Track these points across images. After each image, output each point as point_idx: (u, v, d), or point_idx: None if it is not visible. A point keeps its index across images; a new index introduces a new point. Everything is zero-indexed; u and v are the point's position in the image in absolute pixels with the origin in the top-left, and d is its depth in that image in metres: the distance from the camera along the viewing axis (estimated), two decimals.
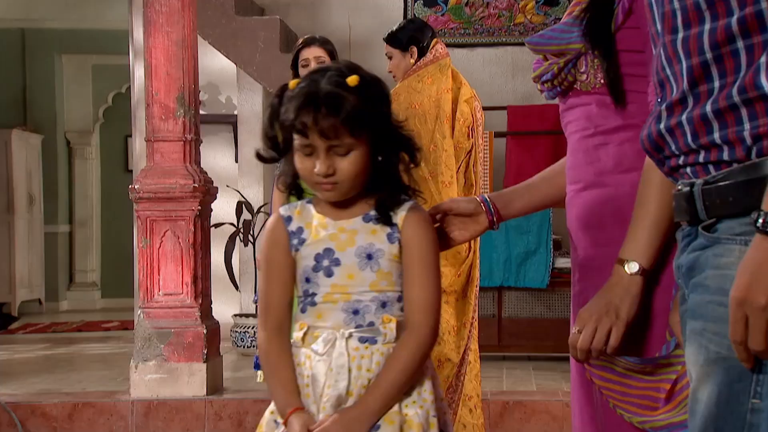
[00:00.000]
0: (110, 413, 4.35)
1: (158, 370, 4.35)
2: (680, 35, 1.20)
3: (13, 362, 5.80)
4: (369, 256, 1.71)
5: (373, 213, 1.72)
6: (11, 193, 8.31)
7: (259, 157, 1.75)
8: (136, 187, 4.37)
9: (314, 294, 1.71)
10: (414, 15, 6.17)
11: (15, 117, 8.78)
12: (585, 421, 1.79)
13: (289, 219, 1.74)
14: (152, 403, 4.33)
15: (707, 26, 1.15)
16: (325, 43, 4.02)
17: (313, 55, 3.99)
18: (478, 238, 3.62)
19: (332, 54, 4.03)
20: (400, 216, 1.72)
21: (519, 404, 4.25)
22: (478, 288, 3.64)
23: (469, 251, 3.55)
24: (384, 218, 1.72)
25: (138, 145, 4.85)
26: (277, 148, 1.71)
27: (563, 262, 5.33)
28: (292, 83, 1.66)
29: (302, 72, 3.98)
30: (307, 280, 1.72)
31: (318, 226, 1.73)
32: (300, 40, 4.04)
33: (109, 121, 9.31)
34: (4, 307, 8.29)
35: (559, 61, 1.82)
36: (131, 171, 7.36)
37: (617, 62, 1.73)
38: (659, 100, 1.26)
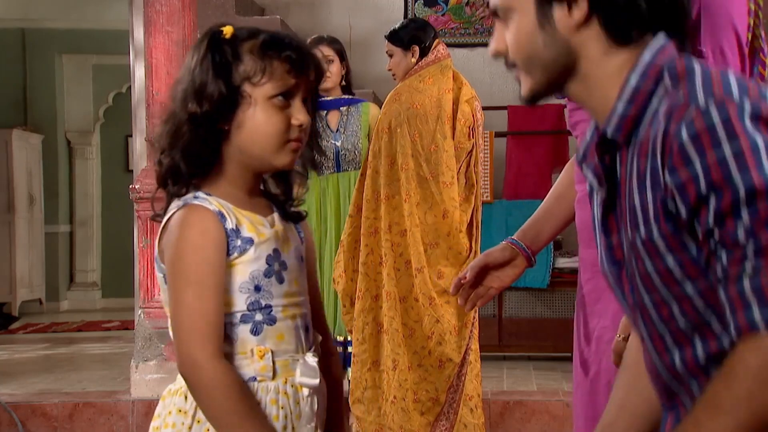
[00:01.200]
0: (111, 413, 4.35)
1: (159, 370, 4.35)
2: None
3: (13, 362, 5.80)
4: (301, 258, 1.51)
5: (274, 209, 1.52)
6: (12, 192, 8.31)
7: (194, 119, 1.41)
8: (136, 186, 4.36)
9: (269, 307, 1.44)
10: (414, 15, 6.16)
11: (15, 117, 8.78)
12: (590, 428, 1.79)
13: (222, 215, 1.42)
14: (153, 402, 4.32)
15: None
16: (333, 43, 4.04)
17: (322, 54, 4.00)
18: (479, 238, 3.62)
19: (341, 53, 4.04)
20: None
21: (519, 404, 4.24)
22: None
23: (470, 251, 3.55)
24: (296, 214, 1.54)
25: (138, 144, 4.84)
26: (221, 106, 1.41)
27: (563, 262, 5.32)
28: (228, 30, 1.44)
29: None
30: (257, 288, 1.43)
31: (253, 222, 1.45)
32: (309, 40, 4.06)
33: (109, 121, 9.31)
34: (5, 306, 8.29)
35: None
36: (132, 171, 7.36)
37: None
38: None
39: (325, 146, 3.97)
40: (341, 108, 4.05)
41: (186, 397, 1.44)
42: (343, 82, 4.09)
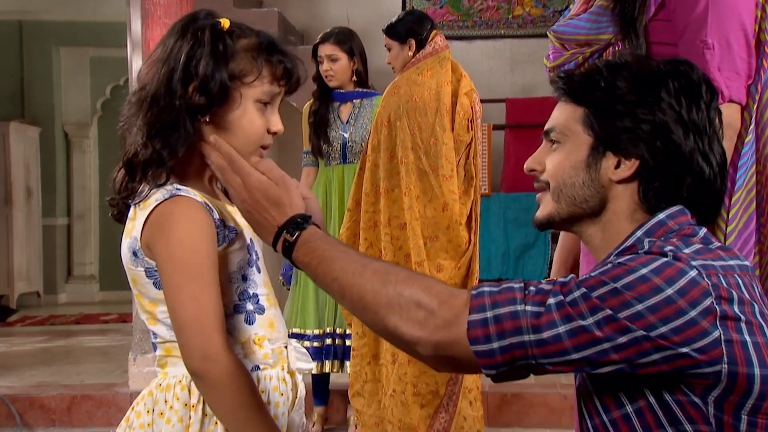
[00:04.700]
0: (109, 405, 4.36)
1: None
2: None
3: (11, 355, 5.80)
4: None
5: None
6: (9, 185, 8.30)
7: (189, 110, 1.37)
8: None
9: (256, 296, 1.44)
10: (412, 7, 6.15)
11: (13, 109, 8.77)
12: None
13: (208, 207, 1.39)
14: None
15: None
16: (341, 42, 3.99)
17: (326, 53, 3.98)
18: (478, 231, 3.62)
19: (349, 50, 3.99)
20: None
21: (517, 396, 4.25)
22: (477, 281, 3.64)
23: (469, 244, 3.55)
24: None
25: None
26: (217, 97, 1.38)
27: None
28: (226, 23, 1.41)
29: (320, 68, 3.98)
30: (244, 278, 1.43)
31: (229, 212, 1.45)
32: (320, 35, 4.05)
33: (107, 114, 9.30)
34: (3, 299, 8.29)
35: (585, 51, 1.82)
36: None
37: (649, 54, 1.74)
38: None
39: (333, 137, 3.95)
40: (354, 101, 4.04)
41: (190, 391, 1.39)
42: (354, 78, 4.05)
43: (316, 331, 3.89)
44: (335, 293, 1.33)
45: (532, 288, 1.25)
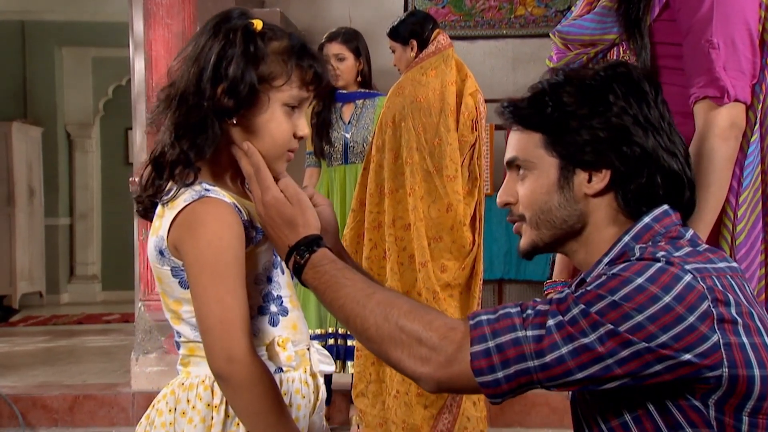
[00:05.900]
0: (111, 405, 4.36)
1: (159, 362, 4.35)
2: None
3: (13, 354, 5.80)
4: None
5: None
6: (12, 185, 8.31)
7: (218, 111, 1.35)
8: (136, 179, 4.35)
9: (280, 297, 1.44)
10: (414, 7, 6.15)
11: (15, 109, 8.77)
12: None
13: (237, 208, 1.38)
14: (153, 395, 4.30)
15: None
16: (348, 41, 4.00)
17: (333, 52, 3.98)
18: (482, 231, 3.62)
19: (356, 50, 3.99)
20: None
21: (519, 396, 4.24)
22: (482, 281, 3.63)
23: (473, 245, 3.54)
24: None
25: (138, 137, 4.84)
26: (245, 99, 1.36)
27: None
28: (258, 24, 1.39)
29: None
30: (269, 279, 1.43)
31: (255, 212, 1.43)
32: (326, 34, 4.04)
33: (109, 114, 9.31)
34: (5, 299, 8.30)
35: (589, 51, 1.83)
36: (131, 163, 7.33)
37: (654, 54, 1.74)
38: None
39: (335, 138, 3.96)
40: (356, 101, 4.04)
41: (213, 392, 1.39)
42: (359, 78, 4.05)
43: (318, 331, 3.89)
44: (341, 320, 1.35)
45: (529, 311, 1.25)
